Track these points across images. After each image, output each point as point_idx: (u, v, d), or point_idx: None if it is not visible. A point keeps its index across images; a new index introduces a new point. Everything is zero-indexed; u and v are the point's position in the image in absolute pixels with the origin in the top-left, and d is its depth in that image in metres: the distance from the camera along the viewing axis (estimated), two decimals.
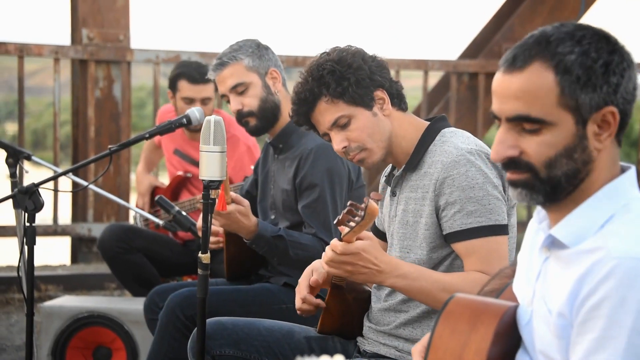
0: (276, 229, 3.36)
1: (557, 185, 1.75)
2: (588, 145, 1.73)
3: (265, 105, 3.54)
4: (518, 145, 1.76)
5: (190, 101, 4.65)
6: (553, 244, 1.77)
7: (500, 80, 1.77)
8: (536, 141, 1.74)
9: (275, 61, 3.60)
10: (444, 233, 2.54)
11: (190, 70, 4.67)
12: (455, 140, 2.57)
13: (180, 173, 4.87)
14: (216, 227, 3.58)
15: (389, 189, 2.73)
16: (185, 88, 4.66)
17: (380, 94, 2.63)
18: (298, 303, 2.74)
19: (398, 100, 2.67)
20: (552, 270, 1.77)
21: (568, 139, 1.73)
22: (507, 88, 1.75)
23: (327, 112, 2.62)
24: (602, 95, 1.71)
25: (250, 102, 3.53)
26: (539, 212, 1.85)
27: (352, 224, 2.34)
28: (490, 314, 1.79)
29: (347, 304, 2.72)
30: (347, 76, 2.59)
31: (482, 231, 2.49)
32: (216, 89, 4.58)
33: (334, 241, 2.43)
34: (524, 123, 1.74)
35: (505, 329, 1.80)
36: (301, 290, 2.74)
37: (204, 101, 4.65)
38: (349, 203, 2.35)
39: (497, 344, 1.76)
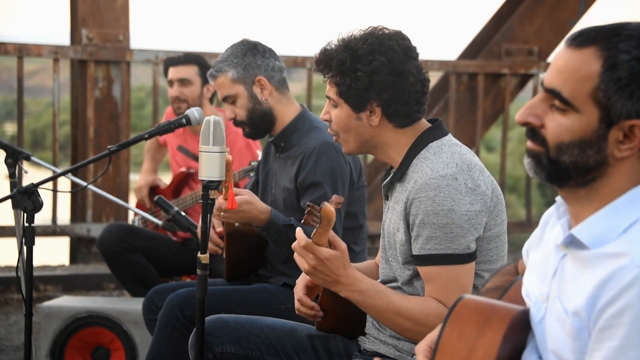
0: (287, 219, 3.37)
1: (563, 172, 1.74)
2: (606, 148, 1.70)
3: (253, 114, 3.56)
4: (543, 117, 1.75)
5: (171, 84, 4.82)
6: (572, 243, 1.75)
7: (558, 52, 1.77)
8: (558, 120, 1.73)
9: (266, 66, 3.56)
10: (411, 253, 2.53)
11: (174, 57, 4.89)
12: (435, 161, 2.50)
13: (183, 169, 4.89)
14: (216, 239, 3.60)
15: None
16: (169, 72, 4.85)
17: (374, 106, 2.56)
18: (296, 304, 2.75)
19: (395, 118, 2.58)
20: (569, 269, 1.75)
21: (587, 132, 1.71)
22: (558, 60, 1.75)
23: (328, 85, 2.64)
24: (636, 107, 1.68)
25: (240, 112, 3.58)
26: (559, 207, 1.83)
27: (315, 225, 2.37)
28: (498, 318, 1.77)
29: (341, 303, 2.69)
30: (345, 77, 2.55)
31: (439, 259, 2.46)
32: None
33: (302, 234, 2.43)
34: (555, 99, 1.73)
35: (513, 334, 1.78)
36: (298, 291, 2.75)
37: (183, 82, 4.78)
38: (307, 204, 2.39)
39: (505, 349, 1.75)
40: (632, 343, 1.59)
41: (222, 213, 3.24)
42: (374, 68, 2.53)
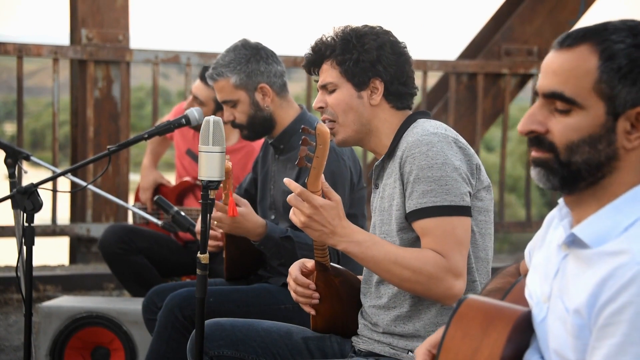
0: (283, 230, 3.37)
1: (576, 173, 1.73)
2: (615, 140, 1.70)
3: (253, 120, 3.57)
4: (546, 123, 1.74)
5: (191, 93, 4.71)
6: (574, 242, 1.75)
7: (548, 57, 1.76)
8: (564, 122, 1.72)
9: (268, 73, 3.56)
10: (406, 213, 2.56)
11: (208, 67, 4.67)
12: (426, 125, 2.61)
13: (187, 179, 4.87)
14: (215, 232, 3.59)
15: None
16: (196, 81, 4.72)
17: (377, 83, 2.68)
18: (293, 286, 2.74)
19: (395, 98, 2.71)
20: (571, 269, 1.75)
21: (595, 128, 1.70)
22: (551, 64, 1.74)
23: (326, 72, 2.73)
24: None
25: (239, 116, 3.59)
26: (561, 208, 1.83)
27: (311, 160, 2.40)
28: (503, 319, 1.77)
29: (334, 288, 2.73)
30: (353, 51, 2.67)
31: (436, 211, 2.50)
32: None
33: (295, 184, 2.46)
34: (557, 101, 1.72)
35: (517, 335, 1.79)
36: (294, 271, 2.76)
37: (197, 99, 4.65)
38: (302, 127, 2.43)
39: (509, 350, 1.75)
40: (633, 340, 1.59)
41: (215, 222, 3.25)
42: (380, 43, 2.67)
